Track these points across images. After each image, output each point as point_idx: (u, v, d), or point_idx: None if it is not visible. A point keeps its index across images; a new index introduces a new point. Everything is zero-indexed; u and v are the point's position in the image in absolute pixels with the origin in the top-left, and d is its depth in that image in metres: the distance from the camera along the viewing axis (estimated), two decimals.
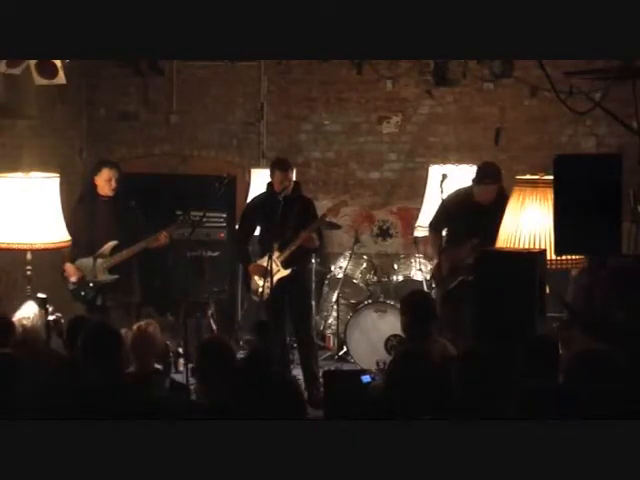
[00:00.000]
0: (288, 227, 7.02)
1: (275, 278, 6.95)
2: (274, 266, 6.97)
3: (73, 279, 6.82)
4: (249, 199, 7.86)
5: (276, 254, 6.99)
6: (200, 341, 5.16)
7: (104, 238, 6.85)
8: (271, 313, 7.04)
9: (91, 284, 6.80)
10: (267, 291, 6.94)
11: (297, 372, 7.44)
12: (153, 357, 5.18)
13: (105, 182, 6.91)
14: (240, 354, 5.98)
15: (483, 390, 3.92)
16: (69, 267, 6.83)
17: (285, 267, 7.05)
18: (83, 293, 6.83)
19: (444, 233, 6.78)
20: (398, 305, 7.81)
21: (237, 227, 7.53)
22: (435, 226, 6.85)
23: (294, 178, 7.19)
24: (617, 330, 4.39)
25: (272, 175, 7.15)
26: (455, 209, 6.57)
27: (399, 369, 4.25)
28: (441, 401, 3.98)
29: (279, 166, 7.13)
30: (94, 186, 6.97)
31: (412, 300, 5.53)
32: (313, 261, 8.05)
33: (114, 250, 6.85)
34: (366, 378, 5.08)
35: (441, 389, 4.06)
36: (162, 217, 7.59)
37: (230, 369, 4.43)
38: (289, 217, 7.01)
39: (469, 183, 6.80)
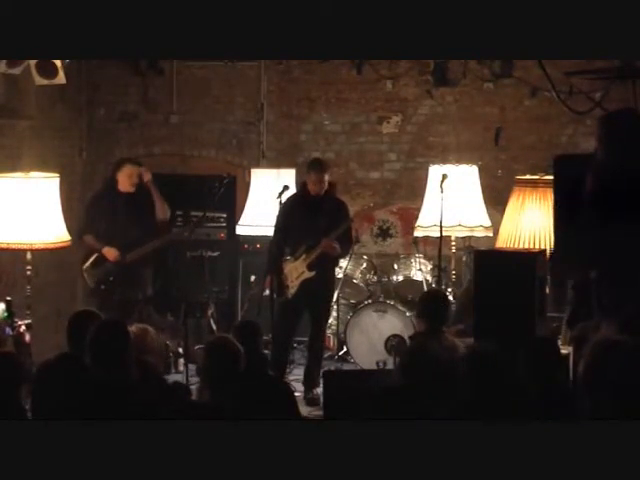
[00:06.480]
0: (318, 229, 6.92)
1: (299, 279, 6.94)
2: (300, 267, 6.96)
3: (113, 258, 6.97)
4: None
5: (303, 256, 6.97)
6: (207, 341, 5.10)
7: (122, 233, 7.01)
8: (284, 313, 6.98)
9: (111, 278, 6.96)
10: (291, 291, 6.95)
11: (298, 372, 7.45)
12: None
13: (126, 178, 7.11)
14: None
15: (486, 390, 3.93)
16: (107, 250, 6.97)
17: (310, 270, 6.99)
18: (104, 287, 6.97)
19: None
20: (398, 305, 7.85)
21: (273, 233, 7.19)
22: None
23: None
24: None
25: (307, 176, 7.02)
26: None
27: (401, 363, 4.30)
28: (443, 400, 3.98)
29: (316, 167, 6.98)
30: (115, 182, 7.15)
31: (425, 296, 5.75)
32: None
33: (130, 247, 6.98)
34: None
35: (443, 387, 4.07)
36: None
37: (237, 369, 4.41)
38: (319, 219, 6.93)
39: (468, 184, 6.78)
